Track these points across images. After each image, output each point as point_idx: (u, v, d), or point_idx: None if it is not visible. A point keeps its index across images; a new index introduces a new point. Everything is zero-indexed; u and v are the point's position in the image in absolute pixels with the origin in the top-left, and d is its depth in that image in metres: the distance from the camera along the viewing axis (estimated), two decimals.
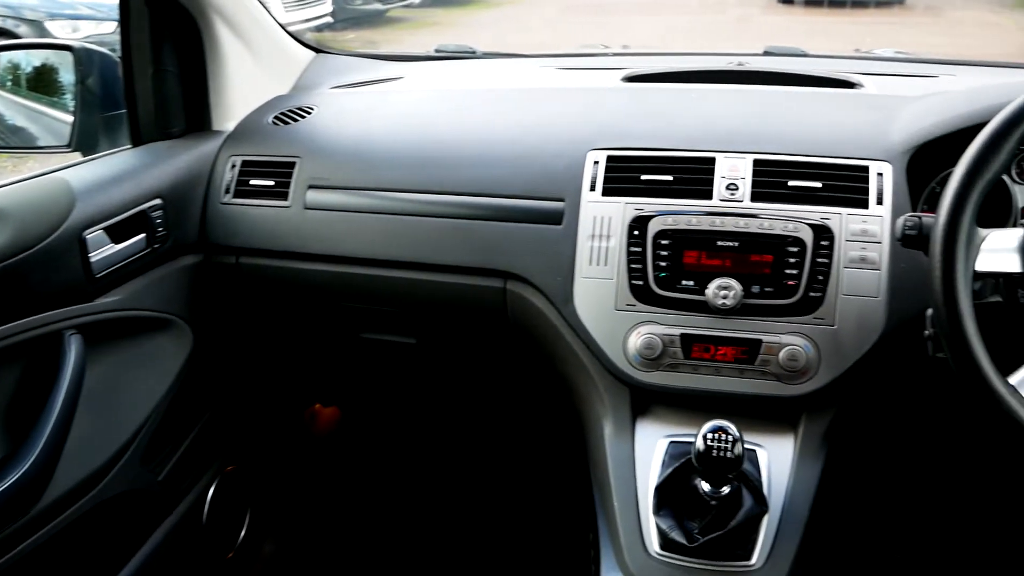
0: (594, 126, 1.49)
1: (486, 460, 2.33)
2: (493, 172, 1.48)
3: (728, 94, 1.63)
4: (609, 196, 1.38)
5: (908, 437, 1.81)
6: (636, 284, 1.34)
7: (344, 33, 8.16)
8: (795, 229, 1.30)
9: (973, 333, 1.01)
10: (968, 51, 7.09)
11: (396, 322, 1.68)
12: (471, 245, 1.47)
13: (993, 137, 1.02)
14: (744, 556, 1.22)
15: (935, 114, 1.39)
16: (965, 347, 1.01)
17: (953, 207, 1.02)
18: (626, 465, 1.34)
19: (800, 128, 1.44)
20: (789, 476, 1.30)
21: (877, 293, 1.29)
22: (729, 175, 1.36)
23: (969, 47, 7.51)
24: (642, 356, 1.33)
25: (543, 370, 1.55)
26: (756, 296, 1.30)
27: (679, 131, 1.45)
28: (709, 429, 1.13)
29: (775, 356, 1.30)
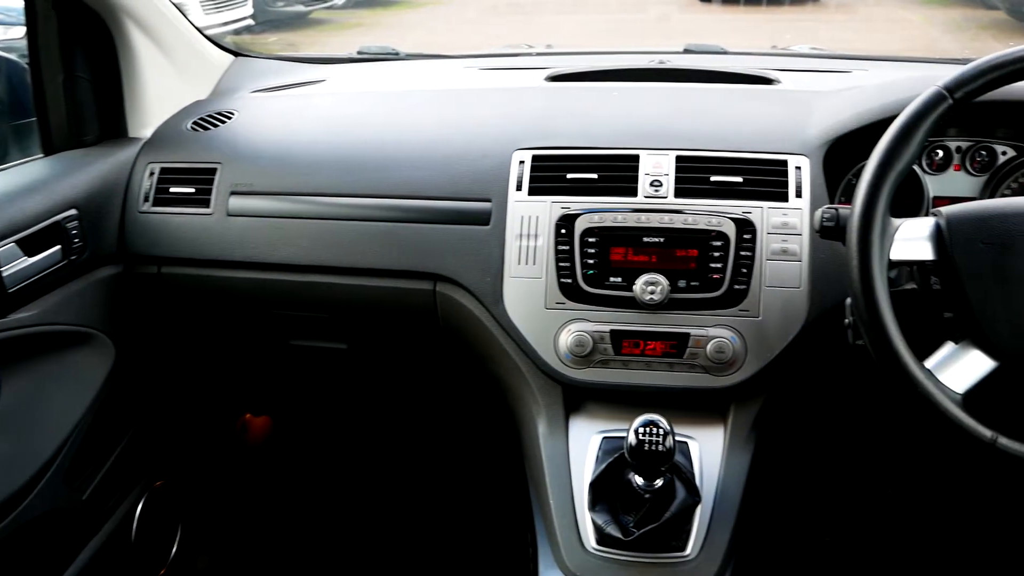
0: (519, 126, 1.49)
1: (422, 463, 2.32)
2: (419, 174, 1.48)
3: (650, 92, 1.65)
4: (535, 195, 1.39)
5: (833, 422, 1.85)
6: (565, 282, 1.35)
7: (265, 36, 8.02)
8: (718, 223, 1.33)
9: (890, 320, 1.04)
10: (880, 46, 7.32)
11: (326, 328, 1.66)
12: (399, 248, 1.46)
13: (902, 130, 1.05)
14: (679, 547, 1.24)
15: (849, 108, 1.43)
16: (883, 334, 1.04)
17: (867, 198, 1.05)
18: (561, 462, 1.34)
19: (720, 124, 1.47)
20: (720, 466, 1.33)
21: (799, 284, 1.32)
22: (653, 172, 1.38)
23: (881, 42, 7.74)
24: (573, 353, 1.34)
25: (476, 371, 1.55)
26: (683, 290, 1.32)
27: (603, 129, 1.46)
28: (640, 424, 1.15)
29: (703, 349, 1.32)
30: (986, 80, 1.05)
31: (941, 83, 1.06)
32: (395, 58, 2.13)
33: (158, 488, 1.87)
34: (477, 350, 1.48)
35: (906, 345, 1.04)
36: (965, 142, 1.46)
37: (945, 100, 1.05)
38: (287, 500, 2.26)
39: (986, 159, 1.46)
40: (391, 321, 1.57)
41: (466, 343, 1.49)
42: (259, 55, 2.11)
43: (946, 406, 1.03)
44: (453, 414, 2.19)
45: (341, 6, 9.86)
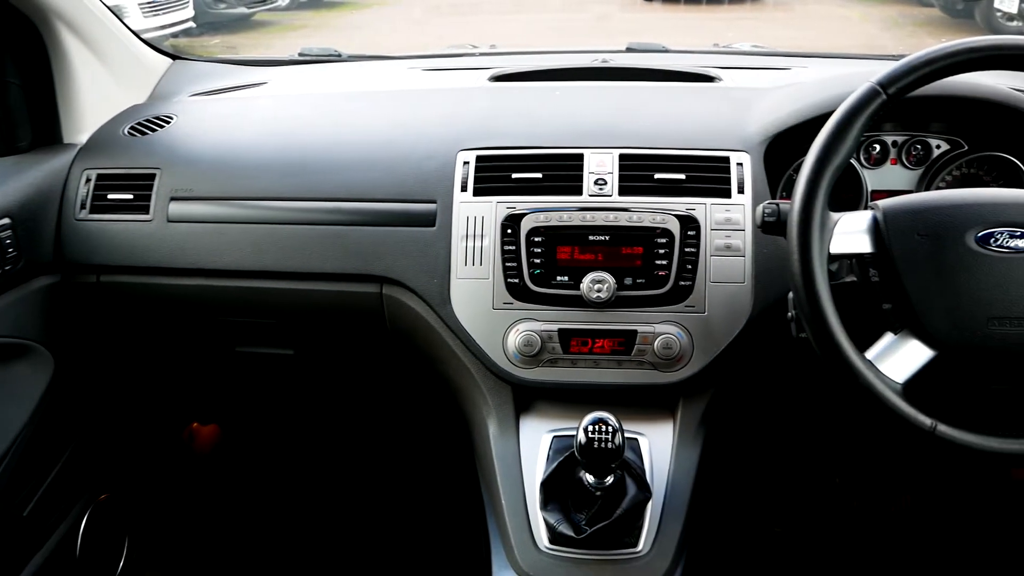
0: (463, 126, 1.49)
1: (374, 467, 2.30)
2: (364, 176, 1.46)
3: (593, 91, 1.65)
4: (480, 196, 1.39)
5: (780, 414, 1.88)
6: (512, 282, 1.35)
7: (207, 38, 7.89)
8: (663, 220, 1.34)
9: (831, 313, 1.06)
10: (820, 43, 7.47)
11: (272, 333, 1.63)
12: (345, 251, 1.44)
13: (838, 126, 1.07)
14: (631, 543, 1.25)
15: (787, 105, 1.45)
16: (824, 326, 1.06)
17: (806, 193, 1.07)
18: (512, 463, 1.34)
19: (663, 122, 1.48)
20: (670, 461, 1.34)
21: (743, 279, 1.34)
22: (597, 170, 1.38)
23: (821, 39, 7.89)
24: (522, 353, 1.34)
25: (426, 374, 1.54)
26: (629, 288, 1.33)
27: (547, 129, 1.46)
28: (589, 421, 1.15)
29: (650, 345, 1.33)
30: (918, 76, 1.07)
31: (875, 79, 1.08)
32: (338, 60, 2.11)
33: (103, 502, 1.83)
34: (425, 352, 1.47)
35: (847, 337, 1.06)
36: (901, 136, 1.50)
37: (879, 96, 1.07)
38: (237, 509, 2.22)
39: (921, 153, 1.50)
40: (338, 325, 1.55)
41: (414, 345, 1.48)
42: (198, 58, 2.08)
43: (887, 396, 1.05)
44: (403, 417, 2.17)
45: (285, 8, 9.75)
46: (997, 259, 1.05)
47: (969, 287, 1.05)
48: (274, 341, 1.65)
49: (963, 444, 1.05)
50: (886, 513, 2.11)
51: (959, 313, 1.05)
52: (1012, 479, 2.03)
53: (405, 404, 2.07)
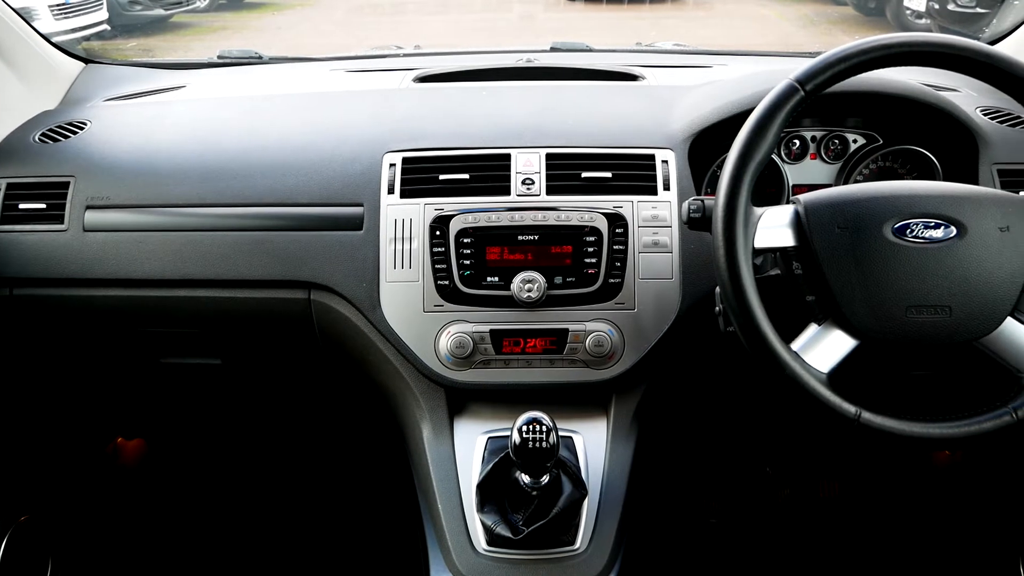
0: (388, 128, 1.47)
1: (309, 477, 2.26)
2: (288, 180, 1.43)
3: (518, 91, 1.65)
4: (408, 198, 1.37)
5: (712, 407, 1.91)
6: (442, 284, 1.34)
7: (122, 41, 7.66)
8: (591, 219, 1.34)
9: (757, 306, 1.08)
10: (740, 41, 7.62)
11: (198, 343, 1.59)
12: (271, 257, 1.41)
13: (758, 123, 1.09)
14: (568, 541, 1.25)
15: (709, 102, 1.47)
16: (750, 319, 1.08)
17: (729, 189, 1.08)
18: (447, 465, 1.34)
19: (588, 121, 1.48)
20: (605, 458, 1.35)
21: (671, 275, 1.35)
22: (524, 170, 1.38)
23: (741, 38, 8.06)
24: (454, 355, 1.33)
25: (357, 379, 1.52)
26: (559, 287, 1.33)
27: (473, 129, 1.46)
28: (523, 422, 1.15)
29: (582, 343, 1.34)
30: (833, 72, 1.09)
31: (793, 76, 1.10)
32: (258, 62, 2.07)
33: (23, 523, 1.76)
34: (357, 357, 1.45)
35: (773, 329, 1.08)
36: (819, 131, 1.53)
37: (797, 92, 1.09)
38: (166, 525, 2.16)
39: (839, 147, 1.53)
40: (266, 333, 1.52)
41: (345, 351, 1.46)
42: (113, 61, 2.02)
43: (812, 385, 1.08)
44: (336, 424, 2.14)
45: (204, 9, 9.52)
46: (913, 249, 1.08)
47: (887, 277, 1.08)
48: (199, 351, 1.61)
49: (886, 430, 1.07)
50: (816, 500, 2.16)
51: (879, 303, 1.08)
52: (934, 463, 2.10)
53: (338, 410, 2.03)
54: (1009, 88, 1.11)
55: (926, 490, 2.10)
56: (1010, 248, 1.08)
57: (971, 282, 1.08)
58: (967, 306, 1.08)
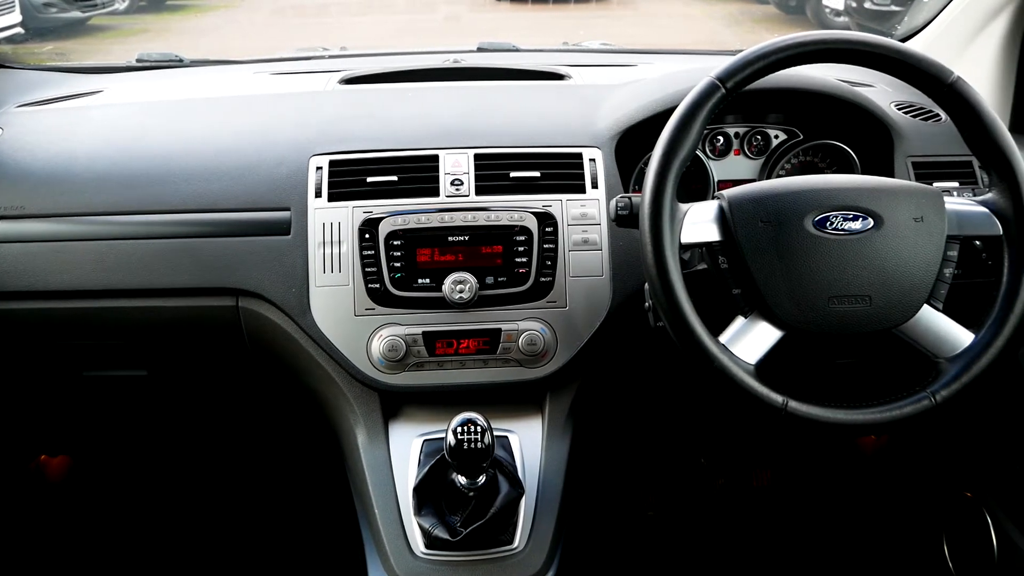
0: (314, 131, 1.45)
1: (242, 487, 2.22)
2: (212, 186, 1.40)
3: (445, 91, 1.65)
4: (336, 201, 1.36)
5: (646, 401, 1.93)
6: (373, 287, 1.33)
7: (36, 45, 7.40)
8: (520, 218, 1.35)
9: (684, 300, 1.09)
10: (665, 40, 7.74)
11: (122, 355, 1.55)
12: (196, 265, 1.38)
13: (682, 120, 1.11)
14: (507, 541, 1.25)
15: (634, 100, 1.49)
16: (678, 314, 1.09)
17: (654, 186, 1.10)
18: (383, 470, 1.33)
19: (516, 121, 1.49)
20: (541, 456, 1.35)
21: (601, 272, 1.36)
22: (453, 171, 1.38)
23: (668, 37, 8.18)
24: (386, 359, 1.32)
25: (290, 386, 1.50)
26: (491, 287, 1.34)
27: (400, 131, 1.45)
28: (458, 423, 1.15)
29: (515, 343, 1.34)
30: (753, 70, 1.12)
31: (714, 74, 1.12)
32: (179, 65, 2.02)
33: None
34: (288, 364, 1.43)
35: (701, 323, 1.10)
36: (742, 128, 1.56)
37: (719, 90, 1.11)
38: (95, 544, 2.10)
39: (762, 143, 1.57)
40: (193, 342, 1.49)
41: (276, 358, 1.44)
42: (26, 66, 1.95)
43: (740, 377, 1.10)
44: (270, 432, 2.11)
45: (123, 12, 9.27)
46: (833, 241, 1.11)
47: (810, 269, 1.11)
48: (124, 363, 1.57)
49: (812, 418, 1.10)
50: (749, 488, 2.20)
51: (802, 294, 1.11)
52: (861, 448, 2.16)
53: (270, 418, 2.00)
54: (919, 83, 1.14)
55: (854, 474, 2.16)
56: (924, 238, 1.12)
57: (889, 271, 1.11)
58: (886, 295, 1.11)
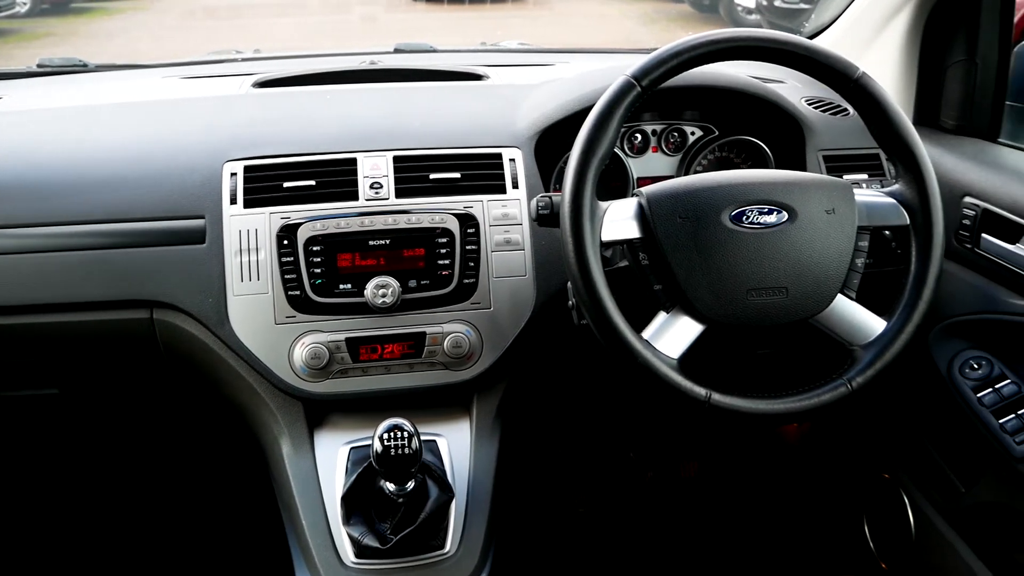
0: (227, 136, 1.42)
1: (165, 503, 2.15)
2: (121, 195, 1.36)
3: (362, 93, 1.63)
4: (252, 207, 1.33)
5: (574, 398, 1.94)
6: (293, 295, 1.30)
7: None
8: (442, 220, 1.34)
9: (607, 298, 1.10)
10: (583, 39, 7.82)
11: (30, 373, 1.49)
12: (107, 277, 1.33)
13: (598, 119, 1.11)
14: (438, 545, 1.24)
15: (552, 100, 1.50)
16: (601, 311, 1.10)
17: (574, 185, 1.10)
18: (309, 480, 1.30)
19: (434, 122, 1.48)
20: (470, 458, 1.34)
21: (524, 272, 1.36)
22: (371, 174, 1.36)
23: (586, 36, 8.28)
24: (309, 367, 1.30)
25: (210, 398, 1.46)
26: (414, 290, 1.32)
27: (316, 134, 1.42)
28: (384, 429, 1.14)
29: (440, 346, 1.33)
30: (667, 67, 1.13)
31: (629, 72, 1.13)
32: (83, 70, 1.94)
33: None
34: (207, 376, 1.39)
35: (624, 319, 1.11)
36: (659, 125, 1.58)
37: (634, 88, 1.12)
38: (12, 565, 2.01)
39: (679, 140, 1.59)
40: (106, 357, 1.43)
41: (194, 370, 1.40)
42: None
43: (664, 371, 1.11)
44: (191, 447, 2.05)
45: (25, 14, 8.93)
46: (750, 235, 1.13)
47: (728, 263, 1.12)
48: (33, 382, 1.50)
49: (734, 409, 1.12)
50: (678, 480, 2.23)
51: (721, 287, 1.12)
52: (784, 436, 2.21)
53: (191, 433, 1.95)
54: (826, 79, 1.17)
55: (778, 462, 2.21)
56: (836, 229, 1.15)
57: (803, 263, 1.14)
58: (801, 286, 1.14)
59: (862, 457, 1.89)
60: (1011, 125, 1.55)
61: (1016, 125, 1.57)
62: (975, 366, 1.44)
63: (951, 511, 1.57)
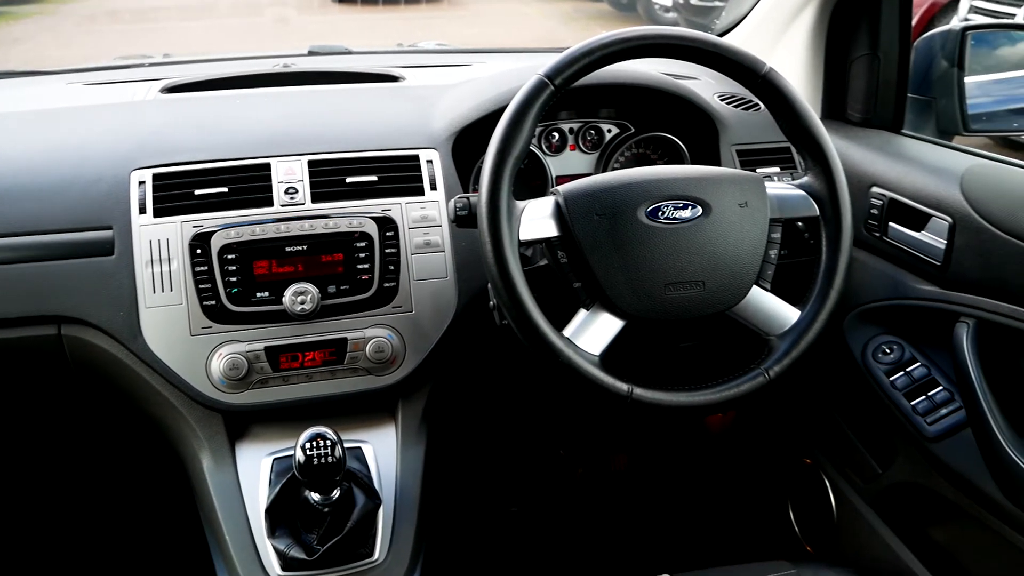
0: (134, 144, 1.37)
1: (84, 526, 2.08)
2: (24, 207, 1.30)
3: (275, 97, 1.60)
4: (163, 216, 1.29)
5: (501, 399, 1.94)
6: (208, 305, 1.27)
7: None
8: (360, 224, 1.32)
9: (527, 297, 1.10)
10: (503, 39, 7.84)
11: None
12: (10, 292, 1.28)
13: (512, 119, 1.11)
14: (367, 554, 1.23)
15: (468, 100, 1.49)
16: (522, 311, 1.10)
17: (490, 185, 1.10)
18: (231, 494, 1.27)
19: (350, 125, 1.46)
20: (396, 464, 1.33)
21: (445, 274, 1.35)
22: (286, 179, 1.34)
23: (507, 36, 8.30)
24: (228, 378, 1.27)
25: (126, 414, 1.42)
26: (334, 296, 1.30)
27: (228, 140, 1.39)
28: (306, 439, 1.12)
29: (362, 351, 1.31)
30: (580, 66, 1.13)
31: (542, 71, 1.13)
32: None
33: None
34: (123, 391, 1.35)
35: (544, 318, 1.11)
36: (576, 123, 1.59)
37: (547, 87, 1.12)
38: None
39: (596, 137, 1.60)
40: (12, 376, 1.38)
41: (108, 385, 1.35)
42: None
43: (586, 368, 1.11)
44: (108, 466, 1.98)
45: None
46: (666, 230, 1.14)
47: (645, 258, 1.13)
48: None
49: (657, 403, 1.13)
50: (608, 475, 2.25)
51: (639, 283, 1.13)
52: (708, 427, 2.24)
53: (108, 451, 1.88)
54: (735, 75, 1.19)
55: (704, 452, 2.25)
56: (749, 222, 1.17)
57: (719, 256, 1.16)
58: (718, 279, 1.16)
59: (784, 444, 1.93)
60: (913, 116, 1.60)
61: (918, 116, 1.62)
62: (887, 351, 1.48)
63: (870, 492, 1.62)
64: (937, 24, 5.42)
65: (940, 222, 1.34)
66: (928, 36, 1.64)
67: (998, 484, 1.27)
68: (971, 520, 1.36)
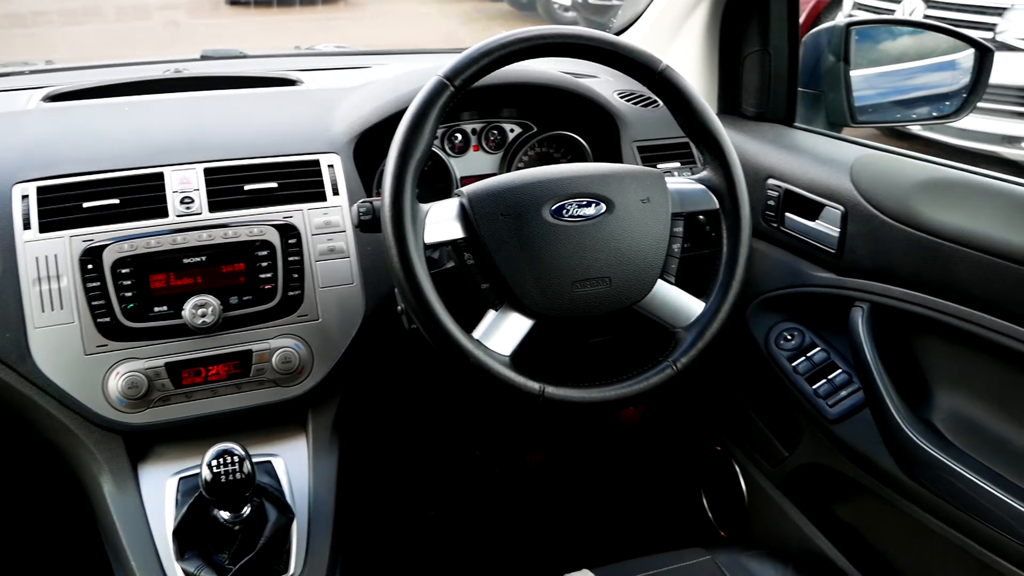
0: (15, 156, 1.30)
1: None
2: None
3: (167, 104, 1.54)
4: (49, 231, 1.23)
5: (414, 404, 1.93)
6: (103, 322, 1.21)
7: None
8: (261, 232, 1.29)
9: (434, 300, 1.09)
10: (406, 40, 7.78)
11: None
12: None
13: (413, 121, 1.10)
14: (281, 570, 1.20)
15: (368, 103, 1.47)
16: (430, 314, 1.09)
17: (393, 189, 1.09)
18: (135, 518, 1.23)
19: (246, 131, 1.42)
20: (308, 476, 1.31)
21: (351, 280, 1.33)
22: (181, 188, 1.29)
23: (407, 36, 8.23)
24: (127, 397, 1.22)
25: (19, 441, 1.35)
26: (236, 307, 1.27)
27: (117, 149, 1.33)
28: (212, 456, 1.09)
29: (268, 363, 1.28)
30: (479, 66, 1.13)
31: (441, 72, 1.12)
32: None
33: None
34: (15, 416, 1.28)
35: (453, 320, 1.10)
36: (479, 124, 1.59)
37: (447, 88, 1.12)
38: None
39: (499, 137, 1.60)
40: None
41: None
42: None
43: (497, 369, 1.11)
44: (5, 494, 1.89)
45: None
46: (571, 228, 1.15)
47: (552, 257, 1.14)
48: None
49: (568, 400, 1.14)
50: (525, 473, 2.26)
51: (547, 282, 1.14)
52: (622, 420, 2.27)
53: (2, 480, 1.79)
54: (632, 73, 1.21)
55: (619, 445, 2.28)
56: (651, 217, 1.19)
57: (624, 252, 1.17)
58: (623, 275, 1.17)
59: (695, 432, 1.97)
60: (804, 110, 1.66)
61: (808, 110, 1.67)
62: (788, 337, 1.53)
63: (778, 475, 1.66)
64: (824, 20, 5.62)
65: (833, 211, 1.39)
66: (815, 32, 1.70)
67: (895, 460, 1.32)
68: (872, 496, 1.42)
